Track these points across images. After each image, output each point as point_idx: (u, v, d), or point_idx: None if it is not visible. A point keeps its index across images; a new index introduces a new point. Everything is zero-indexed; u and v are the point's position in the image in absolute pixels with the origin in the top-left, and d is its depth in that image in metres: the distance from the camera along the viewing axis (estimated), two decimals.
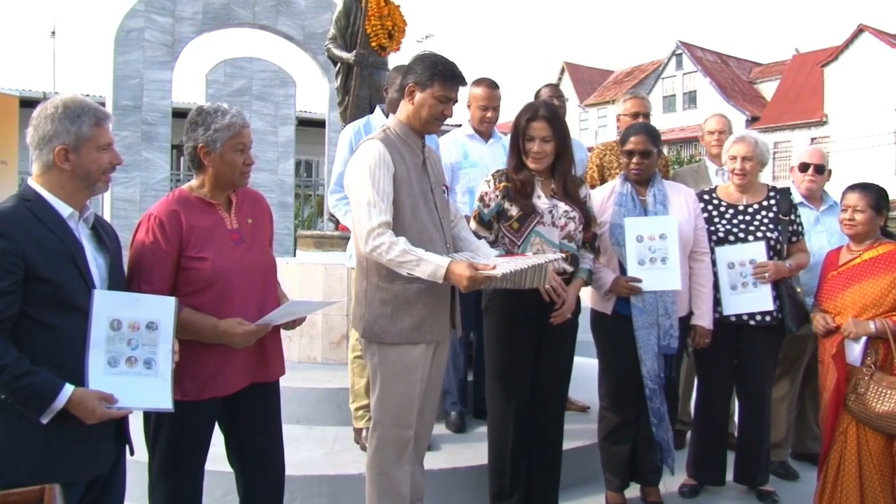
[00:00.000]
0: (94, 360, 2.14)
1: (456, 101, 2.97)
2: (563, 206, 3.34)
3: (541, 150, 3.30)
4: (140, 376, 2.22)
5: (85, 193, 2.26)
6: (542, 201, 3.33)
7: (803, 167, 4.34)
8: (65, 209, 2.19)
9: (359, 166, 2.86)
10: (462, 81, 2.97)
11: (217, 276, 2.53)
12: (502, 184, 3.36)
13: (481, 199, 3.40)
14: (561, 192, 3.36)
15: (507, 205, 3.34)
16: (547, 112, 3.31)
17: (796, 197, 4.20)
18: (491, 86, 4.51)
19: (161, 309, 2.28)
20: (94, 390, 2.11)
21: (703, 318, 3.70)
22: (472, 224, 3.38)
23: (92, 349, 2.14)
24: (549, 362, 3.45)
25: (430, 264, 2.72)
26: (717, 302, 3.78)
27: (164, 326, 2.27)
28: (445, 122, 3.05)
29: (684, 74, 37.39)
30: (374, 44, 5.72)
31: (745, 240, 3.81)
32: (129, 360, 2.21)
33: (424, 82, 2.90)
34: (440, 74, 2.89)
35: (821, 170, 4.33)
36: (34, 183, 2.20)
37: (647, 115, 4.64)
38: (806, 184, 4.31)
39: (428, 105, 2.92)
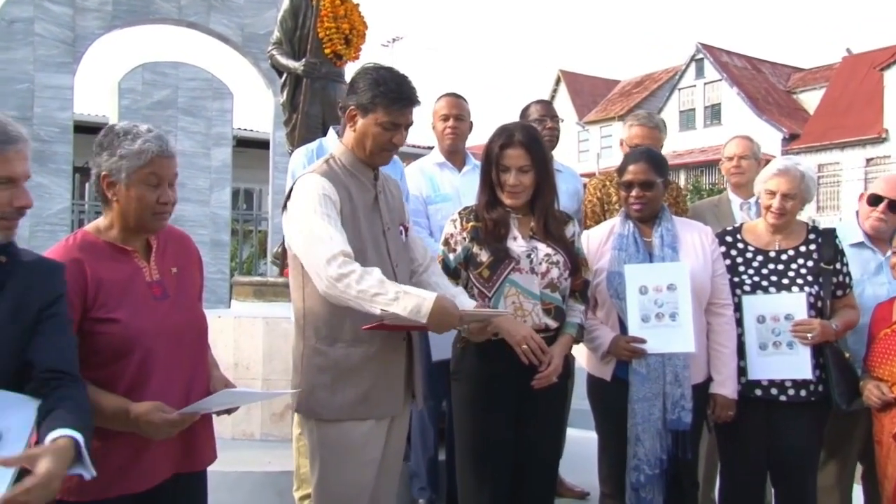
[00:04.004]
0: None
1: (408, 125, 3.01)
2: (543, 249, 3.38)
3: (517, 183, 3.34)
4: None
5: None
6: (517, 244, 3.37)
7: (874, 200, 4.13)
8: None
9: (300, 205, 2.90)
10: (411, 102, 2.98)
11: (132, 342, 2.46)
12: (470, 224, 3.41)
13: (446, 242, 3.45)
14: (541, 231, 3.41)
15: (475, 249, 3.38)
16: (524, 137, 3.35)
17: (856, 235, 4.15)
18: (453, 96, 4.70)
19: (13, 413, 2.02)
20: None
21: (725, 386, 3.67)
22: None
23: None
24: (534, 438, 3.43)
25: (411, 297, 2.72)
26: (740, 371, 3.72)
27: (12, 437, 1.99)
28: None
29: (706, 84, 37.90)
30: (327, 51, 5.81)
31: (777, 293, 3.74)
32: None
33: (366, 105, 2.94)
34: (383, 96, 2.92)
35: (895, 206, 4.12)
36: None
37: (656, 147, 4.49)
38: (872, 221, 4.12)
39: (371, 134, 2.96)
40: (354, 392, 2.91)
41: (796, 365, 3.67)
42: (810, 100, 36.95)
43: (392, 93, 2.93)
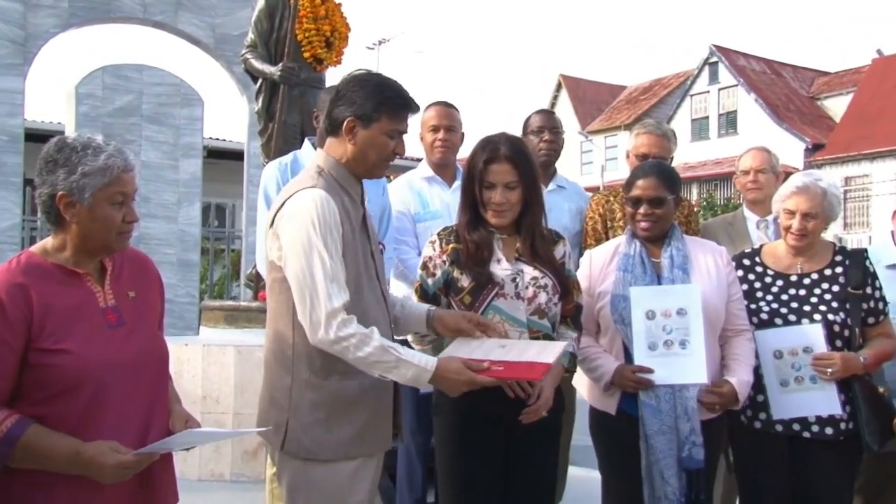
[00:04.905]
0: None
1: (406, 132, 3.06)
2: (530, 272, 3.37)
3: (504, 201, 3.33)
4: None
5: None
6: (501, 267, 3.37)
7: None
8: None
9: (301, 224, 2.86)
10: (415, 107, 3.05)
11: (84, 375, 2.42)
12: (450, 246, 3.42)
13: (424, 265, 3.46)
14: (528, 252, 3.40)
15: (456, 273, 3.38)
16: (510, 150, 3.35)
17: (893, 256, 4.17)
18: (443, 105, 4.73)
19: None
20: None
21: (741, 384, 3.57)
22: (414, 299, 3.45)
23: None
24: (524, 478, 3.43)
25: (410, 366, 2.82)
26: (759, 406, 3.72)
27: None
28: (404, 157, 3.15)
29: (720, 89, 38.06)
30: (306, 54, 5.84)
31: (797, 322, 3.72)
32: None
33: (369, 115, 2.94)
34: (389, 103, 2.94)
35: None
36: None
37: (665, 158, 4.56)
38: None
39: (377, 145, 2.97)
40: (350, 428, 2.91)
41: (823, 401, 3.63)
42: (836, 106, 37.05)
43: (397, 98, 2.98)
